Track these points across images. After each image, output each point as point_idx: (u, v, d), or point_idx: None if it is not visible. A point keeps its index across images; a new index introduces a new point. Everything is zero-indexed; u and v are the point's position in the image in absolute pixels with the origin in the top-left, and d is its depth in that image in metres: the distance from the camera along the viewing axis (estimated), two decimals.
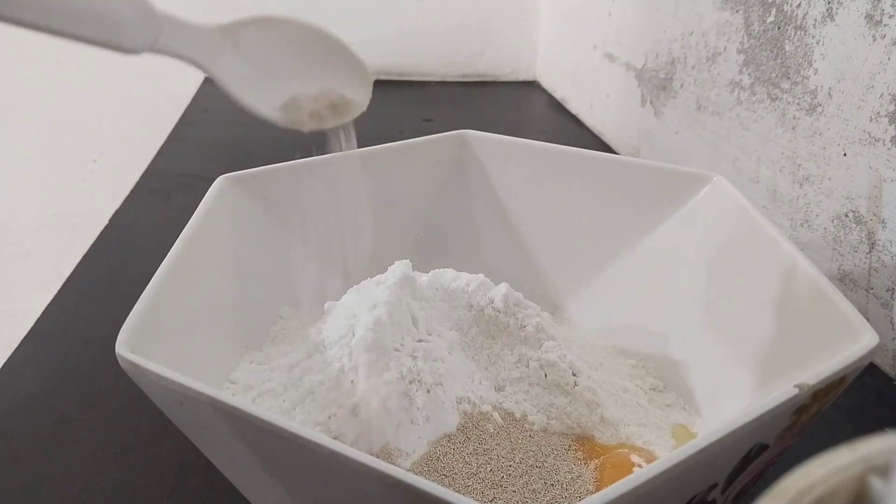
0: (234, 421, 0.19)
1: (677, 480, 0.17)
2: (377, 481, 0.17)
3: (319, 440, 0.17)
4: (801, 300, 0.26)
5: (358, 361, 0.27)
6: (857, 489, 0.11)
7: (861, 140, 0.37)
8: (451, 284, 0.31)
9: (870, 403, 0.35)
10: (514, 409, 0.28)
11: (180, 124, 0.74)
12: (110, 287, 0.43)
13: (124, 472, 0.30)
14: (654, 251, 0.35)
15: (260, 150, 0.67)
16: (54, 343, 0.38)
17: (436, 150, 0.39)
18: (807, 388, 0.19)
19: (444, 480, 0.25)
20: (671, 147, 0.59)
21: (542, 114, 0.84)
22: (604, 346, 0.35)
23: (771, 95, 0.45)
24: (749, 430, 0.18)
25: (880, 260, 0.36)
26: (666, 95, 0.59)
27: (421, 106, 0.84)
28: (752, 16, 0.46)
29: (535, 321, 0.30)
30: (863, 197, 0.37)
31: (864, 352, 0.21)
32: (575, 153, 0.37)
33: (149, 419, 0.32)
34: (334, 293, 0.31)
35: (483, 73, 0.94)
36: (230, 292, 0.31)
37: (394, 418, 0.25)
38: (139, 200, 0.56)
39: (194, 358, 0.26)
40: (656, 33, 0.60)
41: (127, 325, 0.22)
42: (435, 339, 0.29)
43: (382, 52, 0.91)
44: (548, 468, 0.26)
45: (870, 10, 0.36)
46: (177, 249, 0.27)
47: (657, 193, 0.35)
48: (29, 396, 0.34)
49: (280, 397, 0.27)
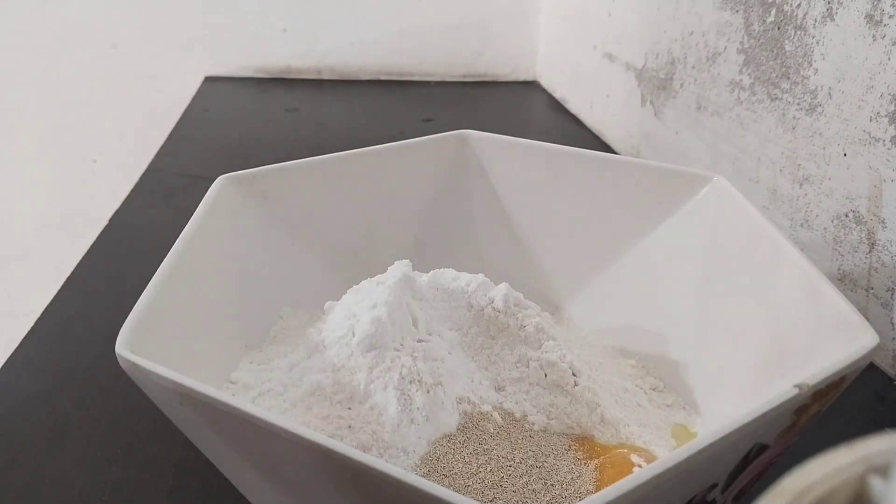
0: (234, 421, 0.19)
1: (677, 480, 0.17)
2: (377, 481, 0.17)
3: (319, 440, 0.17)
4: (801, 300, 0.26)
5: (358, 361, 0.27)
6: (857, 489, 0.11)
7: (861, 140, 0.37)
8: (451, 284, 0.31)
9: (870, 403, 0.35)
10: (514, 409, 0.28)
11: (180, 124, 0.74)
12: (110, 287, 0.43)
13: (124, 472, 0.30)
14: (654, 251, 0.35)
15: (260, 150, 0.67)
16: (54, 343, 0.38)
17: (436, 150, 0.39)
18: (807, 388, 0.19)
19: (444, 480, 0.25)
20: (671, 147, 0.59)
21: (542, 114, 0.84)
22: (604, 346, 0.35)
23: (771, 95, 0.45)
24: (749, 430, 0.18)
25: (880, 260, 0.36)
26: (666, 95, 0.59)
27: (421, 106, 0.84)
28: (752, 16, 0.46)
29: (535, 321, 0.30)
30: (863, 197, 0.37)
31: (864, 352, 0.21)
32: (575, 153, 0.37)
33: (149, 419, 0.32)
34: (334, 293, 0.31)
35: (483, 73, 0.94)
36: (230, 292, 0.31)
37: (394, 418, 0.25)
38: (139, 200, 0.56)
39: (194, 358, 0.26)
40: (656, 33, 0.60)
41: (127, 325, 0.22)
42: (435, 339, 0.29)
43: (382, 52, 0.91)
44: (548, 468, 0.26)
45: (870, 10, 0.36)
46: (177, 249, 0.27)
47: (657, 193, 0.35)
48: (29, 396, 0.34)
49: (280, 397, 0.27)
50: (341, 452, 0.17)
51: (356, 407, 0.26)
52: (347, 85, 0.90)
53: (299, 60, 0.90)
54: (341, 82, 0.91)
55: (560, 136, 0.74)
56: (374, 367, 0.26)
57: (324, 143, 0.69)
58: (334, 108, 0.83)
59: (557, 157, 0.37)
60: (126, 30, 0.86)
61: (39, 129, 0.89)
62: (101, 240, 0.49)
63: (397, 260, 0.31)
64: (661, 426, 0.29)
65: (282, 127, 0.74)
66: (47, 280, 0.47)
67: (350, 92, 0.88)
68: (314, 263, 0.36)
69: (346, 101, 0.85)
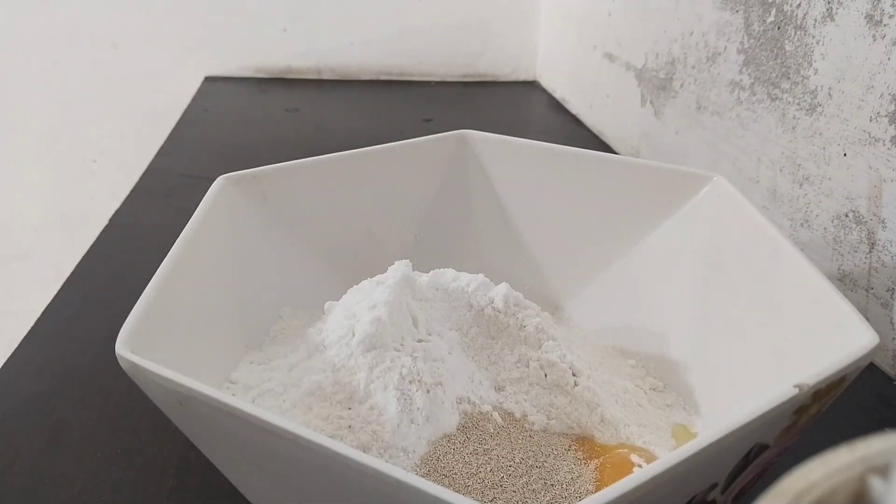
0: (234, 421, 0.19)
1: (677, 480, 0.17)
2: (377, 481, 0.17)
3: (319, 440, 0.17)
4: (801, 300, 0.26)
5: (358, 361, 0.27)
6: (857, 489, 0.11)
7: (861, 140, 0.37)
8: (451, 284, 0.31)
9: (870, 403, 0.35)
10: (514, 409, 0.28)
11: (180, 124, 0.74)
12: (110, 287, 0.43)
13: (124, 472, 0.30)
14: (654, 251, 0.35)
15: (260, 150, 0.67)
16: (54, 343, 0.38)
17: (436, 150, 0.39)
18: (807, 388, 0.19)
19: (444, 480, 0.25)
20: (671, 147, 0.59)
21: (542, 114, 0.84)
22: (604, 346, 0.35)
23: (771, 95, 0.45)
24: (749, 430, 0.18)
25: (880, 260, 0.36)
26: (666, 95, 0.59)
27: (421, 106, 0.84)
28: (752, 16, 0.46)
29: (535, 321, 0.30)
30: (863, 197, 0.37)
31: (864, 352, 0.21)
32: (575, 153, 0.37)
33: (149, 419, 0.32)
34: (334, 293, 0.31)
35: (483, 73, 0.94)
36: (230, 292, 0.31)
37: (394, 418, 0.25)
38: (139, 200, 0.56)
39: (194, 358, 0.26)
40: (656, 33, 0.60)
41: (127, 325, 0.22)
42: (435, 339, 0.29)
43: (382, 52, 0.91)
44: (548, 468, 0.26)
45: (870, 10, 0.36)
46: (177, 249, 0.27)
47: (657, 193, 0.35)
48: (29, 396, 0.34)
49: (280, 397, 0.27)
50: (341, 452, 0.17)
51: (356, 407, 0.26)
52: (347, 85, 0.90)
53: (299, 60, 0.90)
54: (341, 82, 0.91)
55: (560, 136, 0.74)
56: (374, 367, 0.26)
57: (324, 143, 0.69)
58: (334, 108, 0.83)
59: (557, 157, 0.37)
60: (126, 30, 0.86)
61: (40, 129, 0.89)
62: (101, 240, 0.49)
63: (397, 260, 0.31)
64: (661, 426, 0.29)
65: (282, 127, 0.74)
66: (47, 280, 0.47)
67: (350, 92, 0.88)
68: (314, 263, 0.36)
69: (346, 101, 0.85)
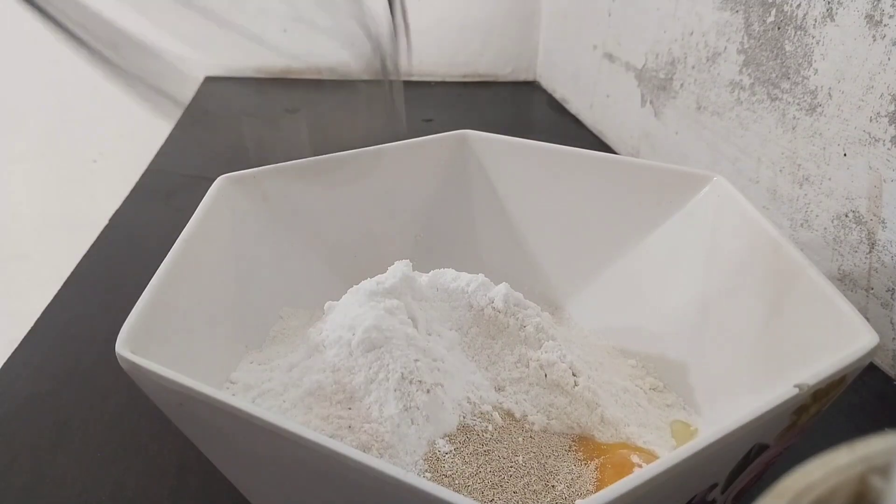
0: (234, 421, 0.19)
1: (677, 480, 0.17)
2: (377, 481, 0.17)
3: (319, 440, 0.17)
4: (801, 300, 0.26)
5: (358, 361, 0.27)
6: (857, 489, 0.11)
7: (861, 140, 0.37)
8: (451, 284, 0.31)
9: (870, 403, 0.35)
10: (514, 409, 0.28)
11: (180, 124, 0.74)
12: (110, 287, 0.43)
13: (124, 472, 0.30)
14: (654, 251, 0.35)
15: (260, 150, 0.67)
16: (54, 343, 0.38)
17: (436, 150, 0.39)
18: (807, 388, 0.19)
19: (444, 480, 0.25)
20: (671, 147, 0.59)
21: (542, 114, 0.84)
22: (604, 346, 0.35)
23: (771, 95, 0.45)
24: (749, 430, 0.18)
25: (880, 260, 0.36)
26: (666, 95, 0.59)
27: (421, 106, 0.84)
28: (752, 16, 0.46)
29: (535, 321, 0.30)
30: (863, 197, 0.37)
31: (864, 352, 0.21)
32: (575, 153, 0.37)
33: (149, 419, 0.32)
34: (334, 293, 0.31)
35: (483, 73, 0.94)
36: (230, 292, 0.31)
37: (394, 418, 0.25)
38: (139, 200, 0.56)
39: (194, 358, 0.26)
40: (656, 33, 0.60)
41: (127, 325, 0.22)
42: (435, 339, 0.29)
43: None
44: (548, 468, 0.26)
45: (870, 10, 0.36)
46: (177, 249, 0.27)
47: (657, 193, 0.35)
48: (29, 397, 0.34)
49: (280, 397, 0.27)
50: (341, 452, 0.17)
51: (356, 407, 0.26)
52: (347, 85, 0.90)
53: (299, 60, 0.90)
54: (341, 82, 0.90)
55: (560, 136, 0.74)
56: (374, 367, 0.26)
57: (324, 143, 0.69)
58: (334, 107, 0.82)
59: (557, 157, 0.37)
60: (126, 30, 0.86)
61: (40, 129, 0.89)
62: (101, 240, 0.49)
63: (397, 260, 0.31)
64: (661, 426, 0.29)
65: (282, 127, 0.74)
66: (47, 280, 0.47)
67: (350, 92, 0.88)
68: (314, 263, 0.36)
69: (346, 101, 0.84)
